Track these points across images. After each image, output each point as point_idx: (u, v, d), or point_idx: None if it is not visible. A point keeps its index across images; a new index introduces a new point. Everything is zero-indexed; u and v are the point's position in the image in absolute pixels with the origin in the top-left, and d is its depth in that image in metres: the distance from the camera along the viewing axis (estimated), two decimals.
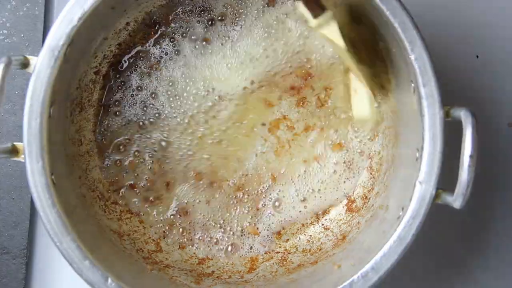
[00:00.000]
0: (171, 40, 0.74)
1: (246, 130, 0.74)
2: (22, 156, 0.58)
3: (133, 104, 0.74)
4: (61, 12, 0.59)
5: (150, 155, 0.74)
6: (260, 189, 0.75)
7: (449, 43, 0.81)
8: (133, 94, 0.74)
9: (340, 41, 0.61)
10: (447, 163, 0.58)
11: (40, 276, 0.77)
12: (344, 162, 0.74)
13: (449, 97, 0.58)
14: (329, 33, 0.61)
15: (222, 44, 0.74)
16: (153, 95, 0.74)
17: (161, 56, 0.74)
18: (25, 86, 0.58)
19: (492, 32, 0.81)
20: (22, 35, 0.76)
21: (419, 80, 0.58)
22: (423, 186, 0.58)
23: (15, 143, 0.59)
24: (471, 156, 0.54)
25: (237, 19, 0.74)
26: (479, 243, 0.80)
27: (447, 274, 0.79)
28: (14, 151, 0.58)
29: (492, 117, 0.81)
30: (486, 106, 0.81)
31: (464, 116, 0.56)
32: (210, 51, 0.74)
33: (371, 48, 0.66)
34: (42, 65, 0.58)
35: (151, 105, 0.74)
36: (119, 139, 0.74)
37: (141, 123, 0.74)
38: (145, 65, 0.74)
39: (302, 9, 0.60)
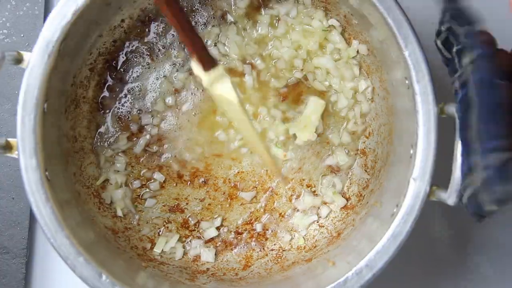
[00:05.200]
0: (163, 37, 0.74)
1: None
2: (16, 152, 0.58)
3: (125, 101, 0.74)
4: (55, 6, 0.59)
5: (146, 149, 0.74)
6: (255, 187, 0.75)
7: None
8: (125, 92, 0.74)
9: (233, 96, 0.60)
10: (441, 160, 0.58)
11: (40, 276, 0.77)
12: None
13: (448, 95, 0.58)
14: (223, 89, 0.60)
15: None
16: (141, 92, 0.74)
17: (154, 54, 0.74)
18: None
19: (492, 32, 0.81)
20: (22, 35, 0.76)
21: (413, 76, 0.58)
22: (417, 183, 0.58)
23: (8, 139, 0.58)
24: None
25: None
26: (479, 240, 0.80)
27: (443, 273, 0.79)
28: (7, 147, 0.58)
29: None
30: None
31: None
32: None
33: None
34: (36, 60, 0.58)
35: (145, 103, 0.74)
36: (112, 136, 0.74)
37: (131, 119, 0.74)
38: (138, 62, 0.74)
39: (196, 68, 0.60)
